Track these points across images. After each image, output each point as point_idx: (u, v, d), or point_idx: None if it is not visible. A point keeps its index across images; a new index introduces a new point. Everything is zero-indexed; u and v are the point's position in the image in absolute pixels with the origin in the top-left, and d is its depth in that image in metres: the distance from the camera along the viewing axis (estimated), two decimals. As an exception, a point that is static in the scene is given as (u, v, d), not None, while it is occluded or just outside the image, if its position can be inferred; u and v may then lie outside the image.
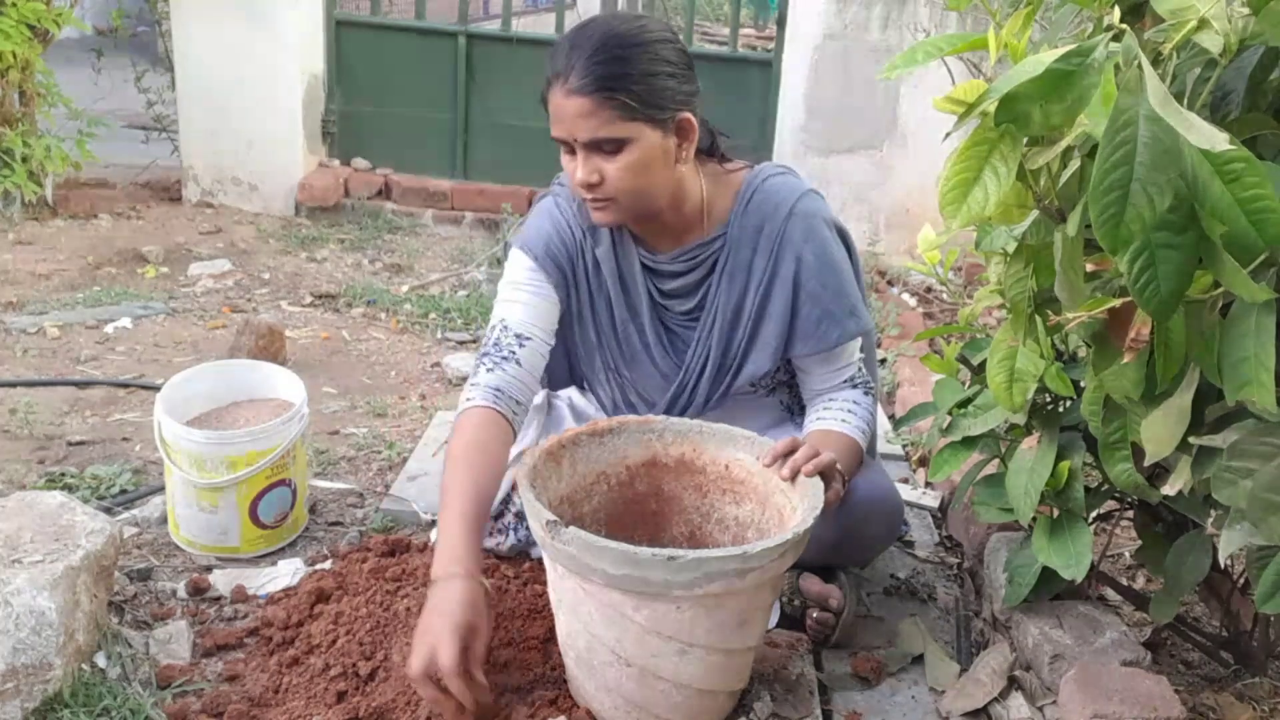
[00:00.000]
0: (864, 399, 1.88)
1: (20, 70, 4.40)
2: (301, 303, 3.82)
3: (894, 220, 4.71)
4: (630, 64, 1.60)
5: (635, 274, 1.86)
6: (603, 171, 1.65)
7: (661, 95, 1.63)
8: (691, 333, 1.88)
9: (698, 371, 1.88)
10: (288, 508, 2.02)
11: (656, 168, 1.67)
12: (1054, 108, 1.02)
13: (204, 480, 1.92)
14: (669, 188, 1.73)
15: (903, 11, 4.48)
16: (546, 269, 1.82)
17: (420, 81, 5.08)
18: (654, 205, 1.73)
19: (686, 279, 1.85)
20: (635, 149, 1.64)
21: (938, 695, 1.68)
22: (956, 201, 1.09)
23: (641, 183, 1.67)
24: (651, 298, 1.87)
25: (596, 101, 1.59)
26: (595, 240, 1.85)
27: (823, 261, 1.80)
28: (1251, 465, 1.13)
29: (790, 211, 1.79)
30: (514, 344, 1.77)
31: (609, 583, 1.36)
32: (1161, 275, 1.03)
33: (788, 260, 1.79)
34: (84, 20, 4.78)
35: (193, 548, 1.98)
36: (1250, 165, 0.98)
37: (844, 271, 1.84)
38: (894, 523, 1.85)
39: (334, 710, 1.49)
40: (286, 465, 1.99)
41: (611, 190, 1.66)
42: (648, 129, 1.63)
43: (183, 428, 1.95)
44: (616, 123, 1.61)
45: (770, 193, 1.81)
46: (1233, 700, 1.60)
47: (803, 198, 1.82)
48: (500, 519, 1.90)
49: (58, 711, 1.45)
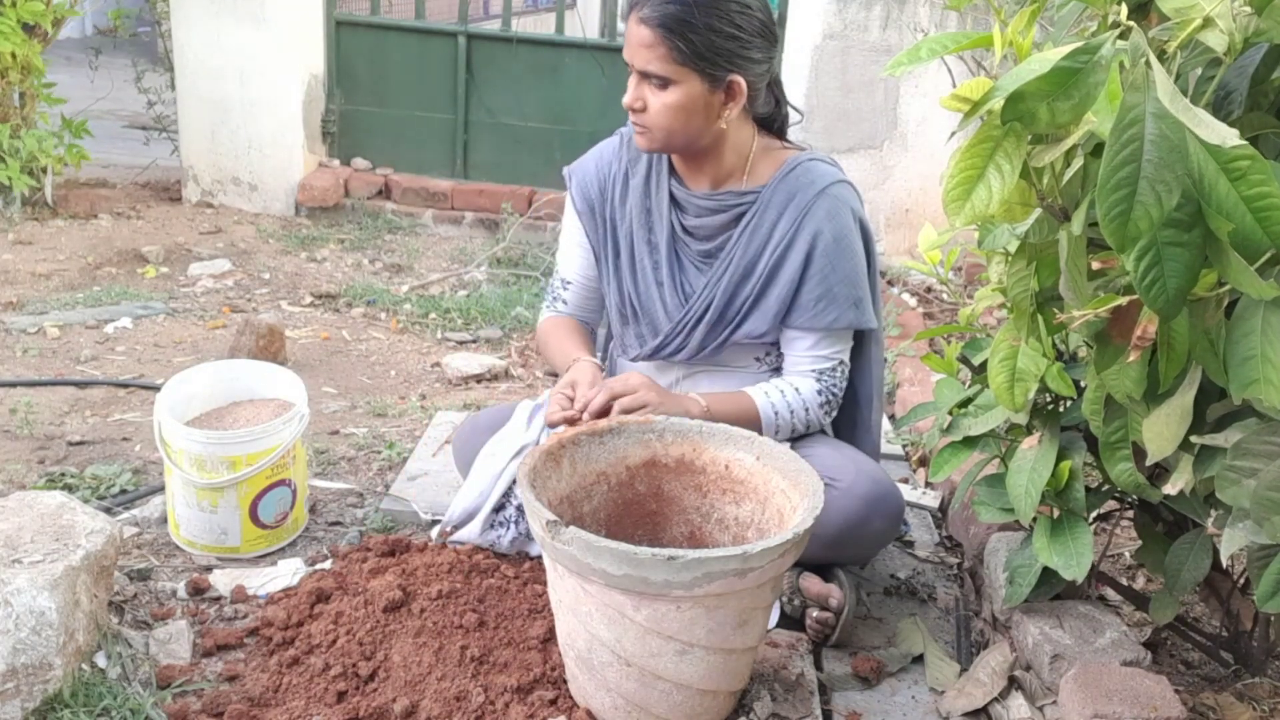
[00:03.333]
0: (813, 396, 1.87)
1: (19, 71, 4.40)
2: (301, 303, 3.82)
3: (894, 220, 4.71)
4: (697, 14, 1.70)
5: (663, 206, 1.93)
6: (646, 101, 1.76)
7: (717, 51, 1.72)
8: (703, 277, 1.92)
9: (698, 316, 1.91)
10: (288, 508, 2.01)
11: (696, 116, 1.76)
12: (1061, 105, 1.01)
13: (204, 480, 1.92)
14: (707, 137, 1.81)
15: (902, 11, 4.48)
16: (579, 209, 1.99)
17: (420, 81, 5.08)
18: (690, 146, 1.82)
19: (710, 220, 1.90)
20: (679, 91, 1.74)
21: (938, 695, 1.68)
22: (960, 199, 1.09)
23: (678, 124, 1.76)
24: (673, 230, 1.93)
25: (656, 37, 1.71)
26: (633, 171, 1.95)
27: (839, 244, 1.83)
28: (1255, 464, 1.13)
29: (822, 190, 1.85)
30: (561, 288, 2.07)
31: (609, 583, 1.36)
32: (1168, 273, 1.03)
33: (807, 232, 1.83)
34: (84, 20, 4.78)
35: (193, 548, 1.97)
36: (1256, 163, 0.98)
37: (857, 261, 1.86)
38: (895, 520, 1.85)
39: (334, 710, 1.49)
40: (286, 465, 1.99)
41: (650, 121, 1.78)
42: (696, 77, 1.73)
43: (183, 428, 1.94)
44: (668, 62, 1.72)
45: (811, 170, 1.87)
46: (1233, 700, 1.59)
47: (838, 184, 1.87)
48: (501, 511, 1.90)
49: (58, 711, 1.45)
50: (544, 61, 5.00)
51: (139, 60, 5.43)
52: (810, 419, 1.89)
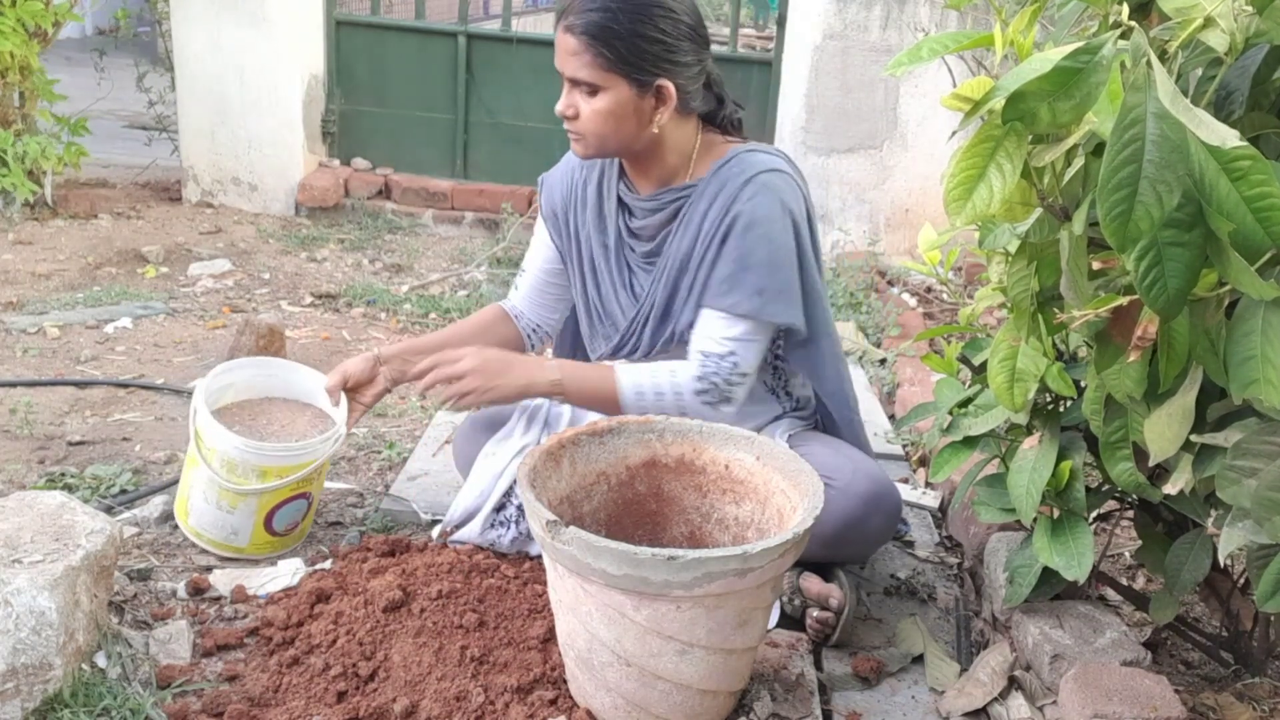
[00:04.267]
0: (690, 383, 1.81)
1: (19, 71, 4.40)
2: (301, 303, 3.82)
3: (894, 220, 4.71)
4: (622, 20, 1.72)
5: (611, 209, 1.95)
6: (578, 108, 1.79)
7: (643, 56, 1.74)
8: (649, 276, 1.93)
9: (645, 315, 1.92)
10: (300, 518, 2.01)
11: (626, 121, 1.78)
12: (1062, 105, 1.01)
13: (231, 483, 1.89)
14: (641, 140, 1.82)
15: (903, 11, 4.48)
16: (545, 215, 2.05)
17: (420, 81, 5.08)
18: (626, 150, 1.85)
19: (651, 220, 1.91)
20: (608, 97, 1.76)
21: (938, 695, 1.68)
22: (961, 199, 1.08)
23: (609, 129, 1.79)
24: (619, 233, 1.96)
25: (582, 44, 1.74)
26: (590, 178, 1.98)
27: (754, 228, 1.79)
28: (1256, 464, 1.13)
29: (751, 178, 1.82)
30: (519, 275, 2.14)
31: (609, 583, 1.36)
32: (1169, 273, 1.03)
33: (729, 216, 1.81)
34: (85, 21, 4.78)
35: (198, 538, 1.96)
36: (1257, 163, 0.98)
37: (775, 250, 1.80)
38: (893, 518, 1.85)
39: (334, 710, 1.49)
40: (311, 480, 1.98)
41: (582, 128, 1.80)
42: (624, 83, 1.75)
43: (225, 431, 1.89)
44: (595, 69, 1.74)
45: (745, 160, 1.85)
46: (1233, 700, 1.59)
47: (770, 173, 1.83)
48: (502, 511, 1.90)
49: (58, 711, 1.45)
50: (544, 61, 4.98)
51: (139, 60, 5.43)
52: (685, 406, 1.82)
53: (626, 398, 1.83)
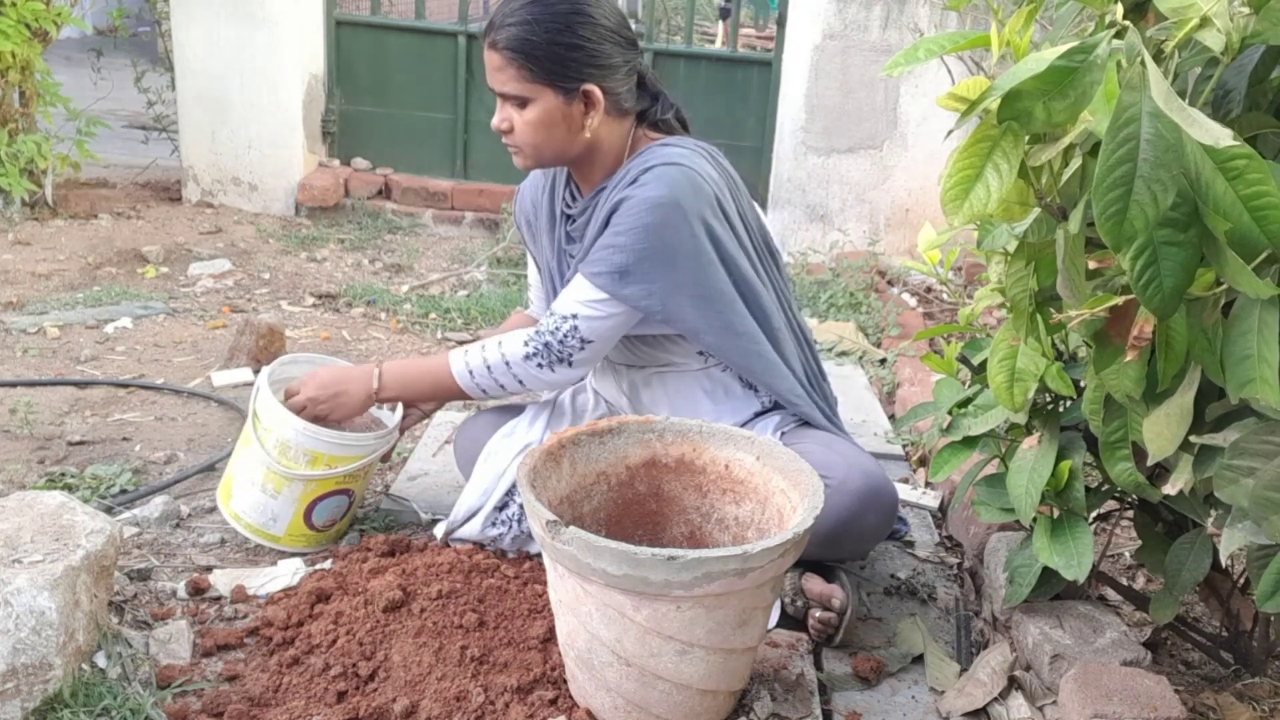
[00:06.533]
0: (518, 348, 1.86)
1: (19, 70, 4.40)
2: (301, 303, 3.82)
3: (894, 220, 4.71)
4: (539, 32, 1.75)
5: (558, 215, 2.01)
6: (512, 121, 1.83)
7: (564, 64, 1.77)
8: None
9: None
10: (339, 516, 2.02)
11: (558, 128, 1.82)
12: (1057, 105, 1.02)
13: (281, 465, 1.92)
14: (576, 146, 1.85)
15: (902, 11, 4.49)
16: (519, 225, 2.13)
17: (420, 81, 5.08)
18: (562, 158, 1.88)
19: (579, 221, 1.94)
20: (537, 108, 1.80)
21: (938, 695, 1.68)
22: (959, 199, 1.08)
23: (542, 138, 1.82)
24: (561, 240, 2.01)
25: (504, 59, 1.78)
26: (546, 188, 2.03)
27: (633, 213, 1.79)
28: (1254, 464, 1.13)
29: (650, 168, 1.81)
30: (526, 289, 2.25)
31: (609, 583, 1.36)
32: (1165, 272, 1.03)
33: (618, 199, 1.82)
34: (85, 20, 4.78)
35: (236, 522, 1.98)
36: (1253, 162, 0.98)
37: (645, 236, 1.78)
38: (889, 514, 1.84)
39: (334, 710, 1.49)
40: (356, 477, 2.00)
41: (518, 140, 1.84)
42: (550, 92, 1.79)
43: (286, 412, 1.93)
44: (520, 82, 1.78)
45: (653, 153, 1.85)
46: (1233, 700, 1.59)
47: (669, 165, 1.81)
48: (504, 510, 1.91)
49: (58, 711, 1.45)
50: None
51: (139, 60, 5.43)
52: (518, 374, 1.88)
53: (462, 380, 1.91)
